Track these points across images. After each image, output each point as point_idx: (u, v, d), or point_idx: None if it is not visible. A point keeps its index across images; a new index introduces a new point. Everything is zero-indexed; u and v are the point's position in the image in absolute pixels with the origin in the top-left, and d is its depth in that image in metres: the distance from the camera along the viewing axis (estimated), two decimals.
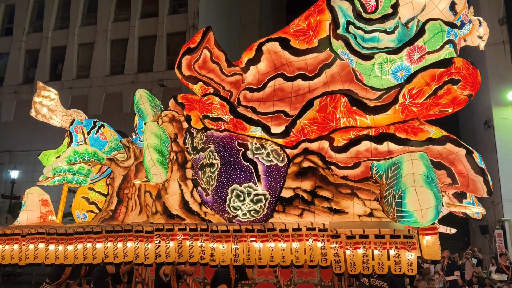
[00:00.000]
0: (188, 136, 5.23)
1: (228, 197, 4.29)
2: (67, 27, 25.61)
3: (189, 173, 4.99)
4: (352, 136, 4.07)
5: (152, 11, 24.51)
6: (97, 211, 5.85)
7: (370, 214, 4.09)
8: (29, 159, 23.29)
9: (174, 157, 5.15)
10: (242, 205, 4.26)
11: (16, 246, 5.14)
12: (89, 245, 4.86)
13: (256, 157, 4.28)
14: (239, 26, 28.13)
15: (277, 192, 4.28)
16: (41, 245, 5.03)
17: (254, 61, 4.61)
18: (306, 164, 4.28)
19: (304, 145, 4.33)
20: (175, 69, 5.05)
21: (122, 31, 24.36)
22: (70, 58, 24.97)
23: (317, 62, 4.49)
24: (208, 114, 4.57)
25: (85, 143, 5.74)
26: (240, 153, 4.32)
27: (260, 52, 4.55)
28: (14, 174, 21.25)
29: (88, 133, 5.85)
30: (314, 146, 4.30)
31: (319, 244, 4.18)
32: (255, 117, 4.36)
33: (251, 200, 4.23)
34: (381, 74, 4.10)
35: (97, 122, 6.11)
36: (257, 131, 4.41)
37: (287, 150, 4.42)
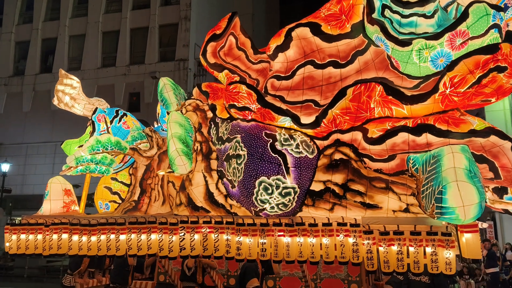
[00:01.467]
0: (212, 125, 5.07)
1: (255, 190, 4.13)
2: (58, 19, 25.19)
3: (214, 164, 4.84)
4: (388, 127, 3.84)
5: (144, 3, 24.07)
6: (120, 201, 5.76)
7: (406, 210, 3.88)
8: (20, 152, 23.44)
9: (199, 147, 5.00)
10: (270, 198, 4.09)
11: (40, 236, 5.10)
12: (112, 236, 4.77)
13: (285, 149, 4.09)
14: None
15: (307, 185, 4.10)
16: (65, 236, 4.98)
17: (283, 47, 4.39)
18: (337, 156, 4.07)
19: (335, 136, 4.13)
20: (200, 56, 4.88)
21: (114, 23, 23.99)
22: (61, 50, 24.60)
23: (349, 49, 4.26)
24: (235, 103, 4.39)
25: (108, 132, 5.64)
26: (268, 144, 4.13)
27: (289, 38, 4.33)
28: (5, 167, 20.95)
29: (111, 122, 5.75)
30: (346, 137, 4.09)
31: (351, 240, 3.99)
32: (283, 106, 4.17)
33: (280, 193, 4.05)
34: (419, 61, 3.85)
35: (119, 111, 6.01)
36: (286, 121, 4.22)
37: (317, 141, 4.23)
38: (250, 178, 4.14)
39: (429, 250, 3.77)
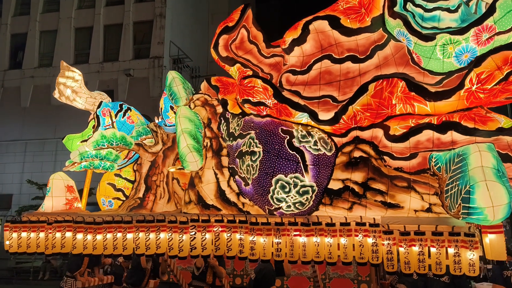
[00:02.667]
0: (222, 121, 4.92)
1: (271, 188, 3.99)
2: (28, 13, 24.18)
3: (225, 160, 4.69)
4: (412, 124, 3.72)
5: None
6: (124, 198, 5.59)
7: (428, 209, 3.77)
8: None
9: (208, 144, 4.84)
10: (287, 197, 3.95)
11: (42, 234, 4.91)
12: (119, 235, 4.60)
13: (303, 146, 3.96)
14: (207, 16, 27.17)
15: (325, 184, 3.97)
16: (68, 234, 4.80)
17: (299, 41, 4.25)
18: (357, 153, 3.95)
19: (354, 133, 4.00)
20: (211, 49, 4.71)
21: (87, 19, 23.23)
22: (32, 46, 23.65)
23: (369, 43, 4.13)
24: (249, 98, 4.24)
25: (113, 127, 5.46)
26: (285, 140, 4.00)
27: (306, 31, 4.19)
28: None
29: (115, 116, 5.55)
30: (366, 134, 3.96)
31: (370, 240, 3.88)
32: (301, 102, 4.02)
33: (297, 192, 3.92)
34: (443, 57, 3.73)
35: (123, 105, 5.82)
36: (303, 118, 4.08)
37: (335, 139, 4.10)
38: (266, 175, 4.00)
39: (451, 251, 3.66)
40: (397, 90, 3.79)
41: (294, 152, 3.92)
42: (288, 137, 4.01)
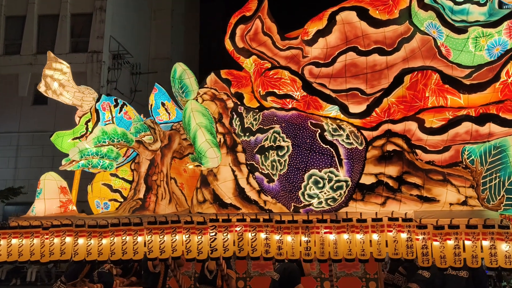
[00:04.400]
0: (235, 116, 4.69)
1: (303, 184, 3.81)
2: None
3: (241, 157, 4.46)
4: (450, 117, 3.69)
5: None
6: (122, 200, 5.19)
7: (464, 202, 3.75)
8: None
9: (222, 140, 4.60)
10: (320, 192, 3.79)
11: (36, 241, 4.43)
12: (128, 238, 4.25)
13: (336, 139, 3.82)
14: (150, 12, 26.42)
15: (357, 178, 3.85)
16: (68, 239, 4.37)
17: (324, 32, 4.11)
18: (390, 147, 3.87)
19: (386, 126, 3.92)
20: (227, 40, 4.48)
21: (20, 7, 21.62)
22: None
23: (396, 36, 4.07)
24: (275, 90, 4.06)
25: (113, 122, 5.06)
26: (317, 134, 3.84)
27: (332, 22, 4.07)
28: None
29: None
30: (398, 127, 3.89)
31: (404, 236, 3.80)
32: (332, 94, 3.89)
33: (331, 187, 3.77)
34: (475, 50, 3.74)
35: (118, 100, 5.42)
36: (333, 111, 3.95)
37: (364, 132, 4.00)
38: (297, 171, 3.82)
39: (486, 243, 3.65)
40: (431, 82, 3.75)
41: (328, 146, 3.77)
42: (319, 131, 3.85)
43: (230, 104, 4.79)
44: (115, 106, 5.30)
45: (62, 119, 19.21)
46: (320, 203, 3.88)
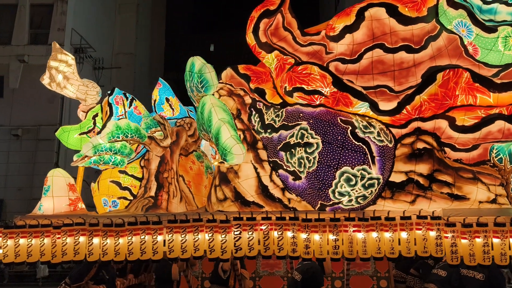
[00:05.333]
0: (254, 112, 4.58)
1: (334, 182, 3.75)
2: None
3: (262, 154, 4.36)
4: (483, 115, 3.70)
5: None
6: (131, 198, 5.00)
7: (493, 201, 3.78)
8: None
9: (241, 136, 4.48)
10: (351, 190, 3.74)
11: (47, 240, 4.22)
12: (147, 238, 4.09)
13: (367, 136, 3.78)
14: (115, 5, 25.62)
15: (387, 176, 3.82)
16: (82, 239, 4.17)
17: (352, 28, 4.07)
18: (420, 145, 3.85)
19: (415, 124, 3.90)
20: (250, 34, 4.37)
21: None
22: None
23: (423, 33, 4.06)
24: (303, 86, 3.99)
25: (125, 117, 4.87)
26: (348, 131, 3.78)
27: (361, 18, 4.02)
28: None
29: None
30: (428, 125, 3.88)
31: (432, 234, 3.80)
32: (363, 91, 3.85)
33: (363, 185, 3.72)
34: (504, 49, 3.76)
35: (127, 94, 5.23)
36: (363, 107, 3.91)
37: (393, 130, 3.97)
38: (328, 168, 3.76)
39: None
40: (461, 80, 3.76)
41: (360, 143, 3.72)
42: (350, 128, 3.80)
43: (248, 100, 4.68)
44: (125, 100, 5.11)
45: (19, 111, 18.43)
46: (350, 201, 3.83)
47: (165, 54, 34.71)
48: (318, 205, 4.01)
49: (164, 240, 4.08)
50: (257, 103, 4.59)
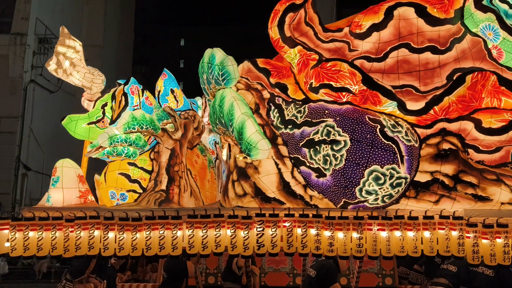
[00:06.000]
0: (273, 107, 4.51)
1: (362, 180, 3.74)
2: None
3: (283, 150, 4.31)
4: (510, 118, 3.77)
5: None
6: (141, 191, 4.84)
7: None
8: None
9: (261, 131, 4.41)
10: (379, 189, 3.74)
11: (59, 234, 4.03)
12: (166, 233, 3.98)
13: (396, 135, 3.78)
14: None
15: (413, 176, 3.84)
16: (97, 233, 4.02)
17: (380, 26, 4.07)
18: (446, 146, 3.89)
19: (441, 125, 3.93)
20: (274, 27, 4.30)
21: None
22: None
23: (448, 35, 4.10)
24: (331, 83, 3.96)
25: (140, 108, 4.70)
26: (377, 129, 3.78)
27: (390, 17, 4.03)
28: None
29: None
30: (453, 126, 3.92)
31: (455, 234, 3.85)
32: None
33: (391, 184, 3.73)
34: None
35: (138, 85, 5.06)
36: (390, 106, 3.91)
37: (418, 130, 3.99)
38: (356, 166, 3.74)
39: None
40: (488, 83, 3.81)
41: (389, 142, 3.72)
42: (379, 126, 3.80)
43: (266, 94, 4.61)
44: None
45: None
46: (376, 199, 3.84)
47: (134, 47, 33.91)
48: (341, 203, 3.99)
49: (184, 236, 3.98)
50: (276, 98, 4.53)
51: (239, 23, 36.31)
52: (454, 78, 3.82)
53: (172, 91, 5.89)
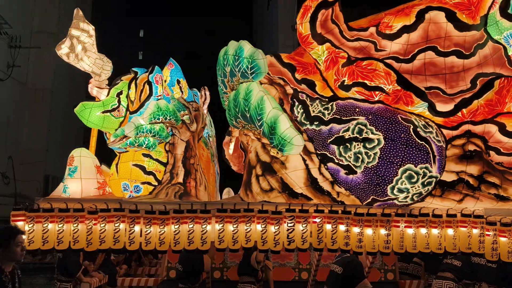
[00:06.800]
0: (296, 103, 4.52)
1: (396, 178, 3.82)
2: None
3: (309, 146, 4.31)
4: None
5: None
6: (156, 184, 4.70)
7: None
8: None
9: None
10: (411, 187, 3.84)
11: (81, 226, 3.86)
12: (196, 227, 3.90)
13: (428, 136, 3.89)
14: None
15: (441, 175, 3.97)
16: (122, 226, 3.88)
17: (410, 28, 4.15)
18: (471, 147, 4.04)
19: (466, 127, 4.08)
20: (305, 23, 4.28)
21: None
22: None
23: (473, 41, 4.23)
24: (365, 81, 4.01)
25: (163, 98, 4.56)
26: (411, 129, 3.87)
27: (421, 20, 4.11)
28: None
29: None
30: (478, 129, 4.08)
31: (475, 231, 4.03)
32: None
33: (422, 183, 3.84)
34: None
35: None
36: (421, 107, 4.02)
37: (444, 131, 4.12)
38: (391, 164, 3.82)
39: None
40: None
41: (423, 142, 3.82)
42: (412, 126, 3.89)
43: (289, 90, 4.60)
44: None
45: None
46: (406, 197, 3.93)
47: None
48: (369, 200, 4.07)
49: (214, 230, 3.92)
50: (300, 94, 4.54)
51: (199, 15, 36.08)
52: (478, 82, 3.98)
53: (178, 82, 5.76)
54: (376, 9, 6.43)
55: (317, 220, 3.95)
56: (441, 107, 4.03)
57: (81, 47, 4.73)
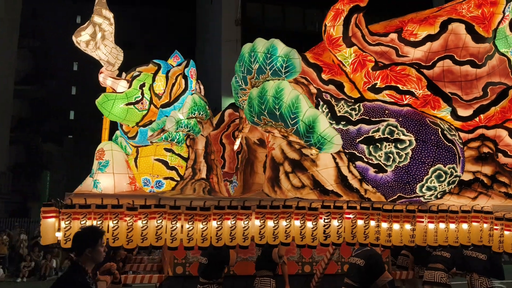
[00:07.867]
0: (321, 103, 4.66)
1: (426, 177, 4.10)
2: None
3: None
4: None
5: None
6: (178, 179, 4.61)
7: None
8: None
9: None
10: (439, 186, 4.14)
11: (121, 223, 3.74)
12: (238, 223, 3.93)
13: (453, 138, 4.21)
14: None
15: (462, 175, 4.32)
16: (163, 223, 3.81)
17: (434, 37, 4.45)
18: (485, 149, 4.43)
19: (480, 131, 4.46)
20: (339, 26, 4.42)
21: None
22: None
23: (485, 52, 4.64)
24: (398, 85, 4.24)
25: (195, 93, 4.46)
26: (439, 132, 4.16)
27: (444, 30, 4.43)
28: None
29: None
30: (490, 133, 4.48)
31: (486, 226, 4.44)
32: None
33: (448, 182, 4.15)
34: None
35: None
36: (445, 112, 4.33)
37: (460, 134, 4.48)
38: (422, 164, 4.09)
39: None
40: None
41: (450, 144, 4.13)
42: (439, 129, 4.19)
43: (313, 89, 4.72)
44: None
45: None
46: (432, 195, 4.23)
47: (22, 19, 31.00)
48: (395, 197, 4.32)
49: (254, 226, 3.97)
50: (324, 94, 4.68)
51: (140, 5, 35.26)
52: (488, 90, 4.40)
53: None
54: (375, 15, 6.76)
55: (351, 216, 4.14)
56: (461, 112, 4.37)
57: (101, 35, 4.51)
